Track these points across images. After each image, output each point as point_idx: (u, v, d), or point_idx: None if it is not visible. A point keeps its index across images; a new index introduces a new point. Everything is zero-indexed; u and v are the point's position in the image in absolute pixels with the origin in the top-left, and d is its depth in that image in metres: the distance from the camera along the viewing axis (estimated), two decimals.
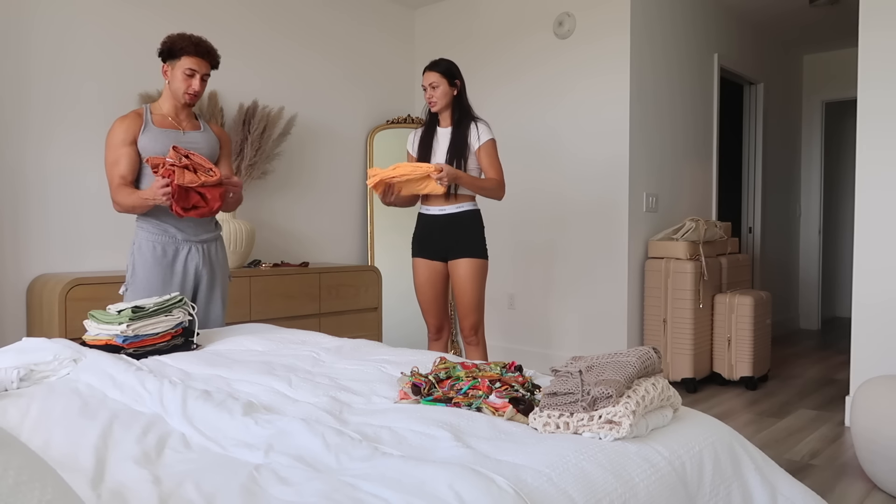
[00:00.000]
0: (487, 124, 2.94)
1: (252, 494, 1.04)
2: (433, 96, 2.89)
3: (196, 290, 2.52)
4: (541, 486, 1.06)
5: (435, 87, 2.88)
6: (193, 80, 2.45)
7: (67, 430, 1.34)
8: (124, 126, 2.42)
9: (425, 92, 2.91)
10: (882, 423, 2.34)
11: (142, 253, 2.43)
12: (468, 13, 4.68)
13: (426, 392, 1.54)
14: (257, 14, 3.98)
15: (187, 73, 2.43)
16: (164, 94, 2.51)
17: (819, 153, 6.26)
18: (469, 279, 2.91)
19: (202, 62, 2.46)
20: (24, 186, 3.08)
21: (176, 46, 2.42)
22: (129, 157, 2.41)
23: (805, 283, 6.37)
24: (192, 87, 2.45)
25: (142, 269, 2.42)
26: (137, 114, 2.47)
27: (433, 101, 2.90)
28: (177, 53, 2.42)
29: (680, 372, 3.86)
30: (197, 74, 2.45)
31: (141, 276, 2.42)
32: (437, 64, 2.90)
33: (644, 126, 4.08)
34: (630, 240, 3.98)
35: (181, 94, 2.46)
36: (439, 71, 2.88)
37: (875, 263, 3.11)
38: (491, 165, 2.90)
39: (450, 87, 2.89)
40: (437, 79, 2.88)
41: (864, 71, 3.14)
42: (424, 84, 2.90)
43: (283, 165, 4.13)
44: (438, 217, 2.92)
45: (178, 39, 2.43)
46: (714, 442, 1.38)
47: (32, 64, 3.10)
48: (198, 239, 2.50)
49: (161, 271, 2.43)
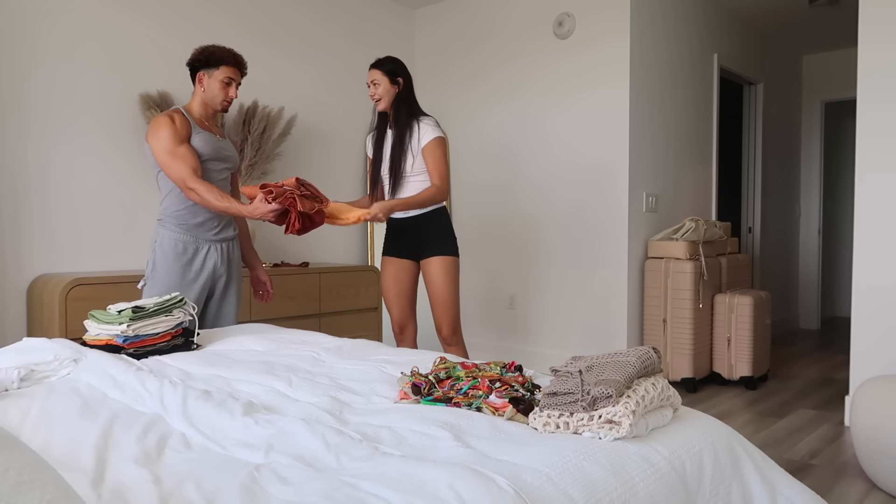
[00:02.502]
0: (433, 122, 2.85)
1: (252, 494, 1.04)
2: (374, 94, 2.83)
3: (213, 288, 2.61)
4: (541, 485, 1.06)
5: (376, 84, 2.82)
6: (231, 89, 2.57)
7: (68, 430, 1.34)
8: (177, 125, 2.47)
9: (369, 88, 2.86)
10: (882, 423, 2.34)
11: (163, 249, 2.50)
12: (468, 13, 4.68)
13: (426, 392, 1.54)
14: (257, 14, 3.99)
15: (225, 82, 2.55)
16: (194, 100, 2.59)
17: (819, 153, 6.26)
18: (441, 276, 2.87)
19: (238, 71, 2.58)
20: (24, 186, 3.08)
21: (215, 56, 2.52)
22: (192, 152, 2.47)
23: (805, 283, 6.38)
24: (230, 95, 2.58)
25: (162, 265, 2.50)
26: (181, 115, 2.52)
27: (375, 99, 2.85)
28: (215, 63, 2.53)
29: (680, 372, 3.86)
30: (234, 83, 2.58)
31: (161, 272, 2.50)
32: (380, 62, 2.84)
33: (644, 126, 4.08)
34: (630, 240, 3.99)
35: (219, 101, 2.57)
36: (380, 69, 2.82)
37: (875, 263, 3.11)
38: (433, 167, 2.81)
39: (391, 84, 2.82)
40: (378, 76, 2.82)
41: (863, 71, 3.14)
42: (368, 81, 2.85)
43: (283, 165, 4.13)
44: (405, 220, 2.90)
45: (216, 50, 2.54)
46: (714, 442, 1.38)
47: (33, 64, 3.10)
48: (218, 238, 2.59)
49: (181, 268, 2.50)
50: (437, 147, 2.82)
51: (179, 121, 2.49)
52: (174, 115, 2.50)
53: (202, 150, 2.51)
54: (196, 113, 2.59)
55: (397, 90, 2.84)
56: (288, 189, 2.34)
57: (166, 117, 2.48)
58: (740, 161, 5.73)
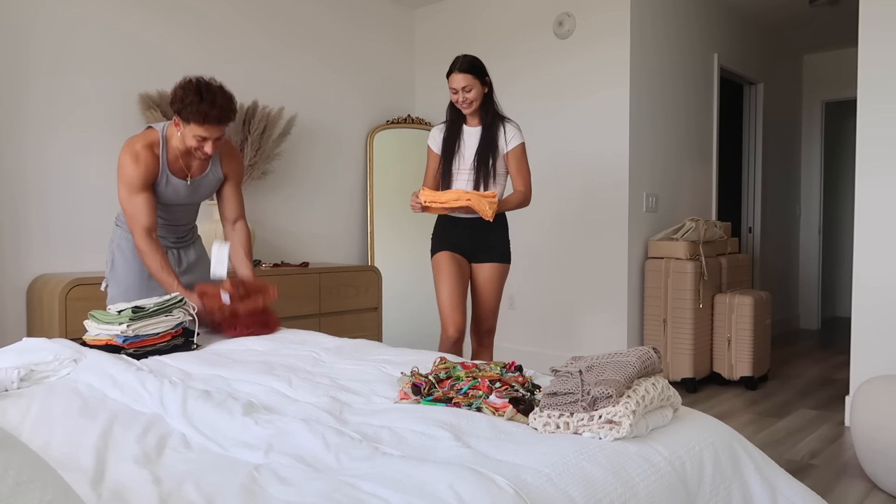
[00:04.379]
0: (518, 127, 2.81)
1: (252, 494, 1.04)
2: (467, 99, 2.71)
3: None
4: (541, 486, 1.06)
5: (468, 90, 2.70)
6: (205, 145, 2.24)
7: (68, 430, 1.34)
8: (140, 170, 2.24)
9: (455, 95, 2.72)
10: (882, 423, 2.34)
11: (121, 250, 2.47)
12: (468, 13, 4.68)
13: (426, 392, 1.54)
14: (257, 14, 3.98)
15: (198, 139, 2.23)
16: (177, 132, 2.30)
17: (819, 153, 6.26)
18: (493, 283, 2.83)
19: (213, 128, 2.21)
20: (24, 186, 3.08)
21: (183, 112, 2.18)
22: (149, 204, 2.28)
23: (805, 283, 6.37)
24: (205, 151, 2.26)
25: (121, 263, 2.46)
26: (151, 152, 2.27)
27: (467, 105, 2.72)
28: (185, 118, 2.20)
29: (680, 372, 3.86)
30: (209, 140, 2.23)
31: (121, 271, 2.46)
32: (465, 64, 2.69)
33: (644, 126, 4.08)
34: (630, 240, 3.98)
35: (193, 150, 2.28)
36: (470, 72, 2.69)
37: (875, 263, 3.11)
38: (518, 172, 2.79)
39: (482, 86, 2.74)
40: (470, 81, 2.69)
41: (863, 71, 3.14)
42: (455, 87, 2.70)
43: (283, 165, 4.13)
44: (466, 221, 2.82)
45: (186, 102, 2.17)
46: (714, 442, 1.38)
47: (32, 64, 3.09)
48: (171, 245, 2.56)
49: (139, 265, 2.45)
50: (523, 153, 2.80)
51: (144, 163, 2.24)
52: (141, 152, 2.24)
53: (166, 198, 2.34)
54: (175, 146, 2.31)
55: (486, 90, 2.76)
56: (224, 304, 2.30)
57: (130, 156, 2.23)
58: (740, 161, 5.73)
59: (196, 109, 2.15)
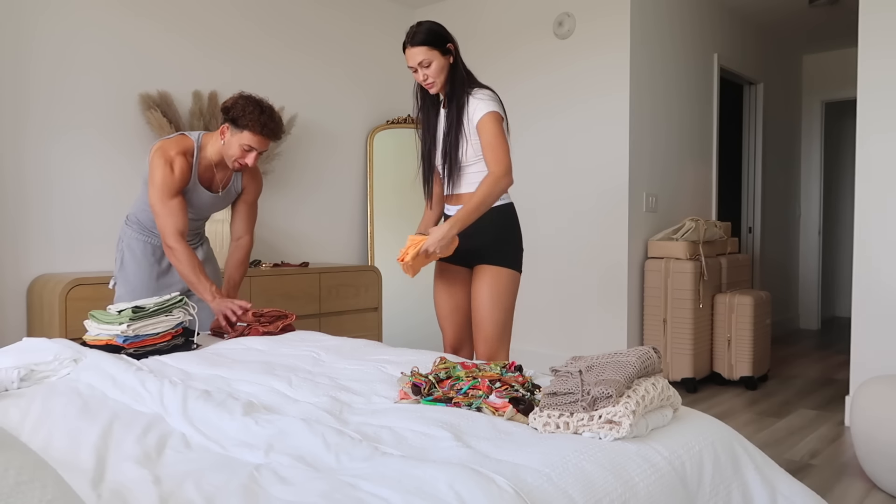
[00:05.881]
0: (488, 93, 2.26)
1: (252, 494, 1.04)
2: (427, 76, 2.25)
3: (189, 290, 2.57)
4: (541, 485, 1.06)
5: (426, 64, 2.23)
6: (250, 156, 2.32)
7: (68, 430, 1.34)
8: (175, 177, 2.29)
9: (415, 73, 2.28)
10: (882, 423, 2.34)
11: (131, 249, 2.47)
12: (468, 13, 4.68)
13: (426, 392, 1.54)
14: (257, 14, 3.98)
15: (245, 148, 2.30)
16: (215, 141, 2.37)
17: (819, 153, 6.26)
18: (488, 292, 2.28)
19: (265, 141, 2.31)
20: (24, 187, 3.08)
21: (242, 120, 2.26)
22: (182, 208, 2.31)
23: (805, 283, 6.38)
24: (246, 162, 2.33)
25: (131, 263, 2.46)
26: (185, 160, 2.32)
27: (429, 84, 2.27)
28: (240, 125, 2.27)
29: (680, 372, 3.86)
30: (255, 151, 2.31)
31: (130, 270, 2.46)
32: (420, 35, 2.22)
33: (644, 126, 4.08)
34: (630, 240, 3.99)
35: (232, 161, 2.33)
36: (426, 43, 2.22)
37: (874, 263, 3.11)
38: (488, 147, 2.20)
39: (443, 56, 2.24)
40: (427, 54, 2.22)
41: (863, 71, 3.14)
42: (411, 64, 2.26)
43: (283, 165, 4.13)
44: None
45: (247, 111, 2.25)
46: (714, 442, 1.38)
47: (33, 64, 3.09)
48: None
49: (149, 265, 2.47)
50: (493, 122, 2.21)
51: (179, 170, 2.30)
52: (175, 159, 2.29)
53: (190, 206, 2.38)
54: (208, 156, 2.38)
55: (450, 61, 2.27)
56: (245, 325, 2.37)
57: (165, 161, 2.28)
58: (740, 161, 5.73)
59: (256, 119, 2.25)
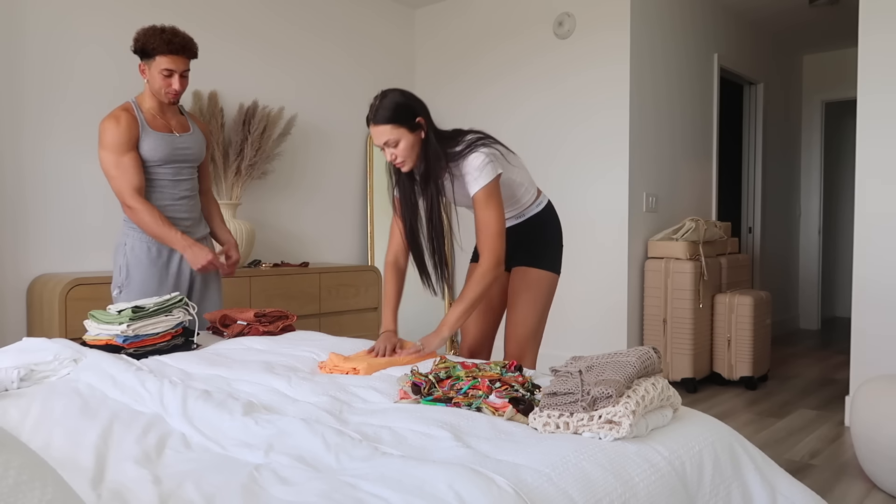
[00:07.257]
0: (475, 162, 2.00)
1: (252, 494, 1.04)
2: (396, 156, 2.00)
3: (191, 288, 2.55)
4: (541, 486, 1.06)
5: (391, 144, 1.97)
6: (172, 80, 2.32)
7: (68, 430, 1.34)
8: (122, 129, 2.28)
9: (383, 151, 2.03)
10: (882, 423, 2.34)
11: (135, 254, 2.40)
12: (468, 13, 4.68)
13: (426, 392, 1.54)
14: (257, 14, 3.98)
15: (164, 74, 2.30)
16: (145, 90, 2.39)
17: (819, 153, 6.27)
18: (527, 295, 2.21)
19: (178, 59, 2.30)
20: (24, 186, 3.08)
21: (148, 45, 2.27)
22: (137, 165, 2.31)
23: (805, 283, 6.37)
24: (173, 87, 2.33)
25: (136, 270, 2.40)
26: (129, 113, 2.33)
27: (399, 163, 2.02)
28: (150, 53, 2.28)
29: (680, 372, 3.86)
30: (175, 73, 2.31)
31: (136, 279, 2.40)
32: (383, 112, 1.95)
33: (644, 126, 4.08)
34: (630, 240, 3.98)
35: (162, 94, 2.34)
36: (391, 121, 1.95)
37: (874, 263, 3.11)
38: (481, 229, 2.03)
39: (412, 133, 1.98)
40: (393, 133, 1.95)
41: (864, 71, 3.14)
42: (377, 143, 2.00)
43: (283, 165, 4.13)
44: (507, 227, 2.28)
45: (150, 37, 2.27)
46: (714, 442, 1.38)
47: (31, 63, 3.09)
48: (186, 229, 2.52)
49: (157, 272, 2.42)
50: (483, 199, 2.01)
51: (126, 122, 2.29)
52: (121, 114, 2.30)
53: (152, 156, 2.34)
54: (147, 105, 2.37)
55: (421, 136, 2.01)
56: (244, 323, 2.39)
57: (111, 120, 2.29)
58: (740, 161, 5.73)
59: (160, 39, 2.26)
